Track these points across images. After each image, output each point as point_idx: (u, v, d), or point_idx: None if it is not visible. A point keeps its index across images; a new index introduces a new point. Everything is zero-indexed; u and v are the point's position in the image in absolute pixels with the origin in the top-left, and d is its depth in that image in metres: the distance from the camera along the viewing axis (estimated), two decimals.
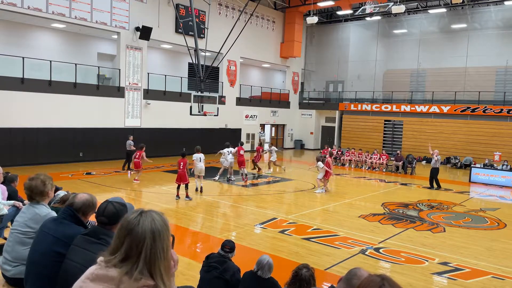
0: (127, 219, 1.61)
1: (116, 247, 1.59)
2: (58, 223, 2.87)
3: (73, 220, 2.86)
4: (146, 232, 1.56)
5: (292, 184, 15.75)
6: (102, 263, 1.61)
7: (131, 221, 1.59)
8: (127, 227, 1.58)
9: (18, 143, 16.37)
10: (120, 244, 1.57)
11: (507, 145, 22.35)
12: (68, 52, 19.58)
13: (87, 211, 2.93)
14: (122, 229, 1.60)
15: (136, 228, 1.57)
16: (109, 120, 19.38)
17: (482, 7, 25.32)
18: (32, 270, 2.85)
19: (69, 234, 2.70)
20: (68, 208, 2.91)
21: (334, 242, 8.39)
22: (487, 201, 14.28)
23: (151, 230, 1.57)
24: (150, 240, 1.56)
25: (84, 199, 2.93)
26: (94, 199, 2.98)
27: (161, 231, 1.60)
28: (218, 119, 23.03)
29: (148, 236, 1.56)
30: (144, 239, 1.55)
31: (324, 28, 31.71)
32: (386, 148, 26.19)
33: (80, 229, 2.78)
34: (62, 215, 2.90)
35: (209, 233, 8.79)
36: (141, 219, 1.60)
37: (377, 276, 1.68)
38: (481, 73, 25.10)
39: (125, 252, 1.55)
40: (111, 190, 12.82)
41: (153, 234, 1.57)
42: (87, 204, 2.92)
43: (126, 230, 1.58)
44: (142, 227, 1.57)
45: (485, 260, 7.73)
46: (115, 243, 1.60)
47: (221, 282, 4.37)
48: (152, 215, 1.63)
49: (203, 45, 18.27)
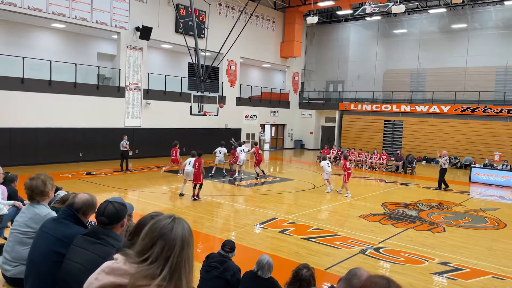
0: (161, 223, 1.60)
1: (145, 248, 1.57)
2: (58, 223, 2.87)
3: (73, 220, 2.85)
4: (177, 239, 1.56)
5: (292, 184, 15.75)
6: (122, 259, 1.61)
7: (165, 226, 1.58)
8: (161, 231, 1.57)
9: (18, 143, 16.36)
10: (150, 246, 1.56)
11: (507, 145, 22.35)
12: (68, 52, 19.58)
13: (87, 211, 2.92)
14: (154, 231, 1.59)
15: (169, 234, 1.56)
16: (109, 120, 19.38)
17: (482, 7, 25.32)
18: (31, 270, 2.85)
19: (69, 234, 2.70)
20: (68, 208, 2.90)
21: (334, 242, 8.39)
22: (487, 201, 14.28)
23: (181, 238, 1.57)
24: (179, 248, 1.55)
25: (84, 199, 2.93)
26: (94, 199, 2.97)
27: (190, 240, 1.61)
28: (218, 119, 23.03)
29: (178, 244, 1.56)
30: (175, 246, 1.55)
31: (324, 28, 31.71)
32: (386, 148, 26.19)
33: (80, 229, 2.78)
34: (62, 215, 2.89)
35: (209, 233, 8.79)
36: (174, 225, 1.60)
37: (383, 278, 1.67)
38: (481, 73, 25.10)
39: (154, 255, 1.54)
40: (111, 190, 12.82)
41: (183, 243, 1.57)
42: (87, 204, 2.91)
43: (159, 234, 1.57)
44: (174, 233, 1.57)
45: (485, 260, 7.73)
46: (144, 244, 1.58)
47: (222, 282, 4.37)
48: (183, 223, 1.63)
49: (203, 45, 18.28)
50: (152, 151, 21.16)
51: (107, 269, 1.62)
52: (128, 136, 16.58)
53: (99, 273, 1.63)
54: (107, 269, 1.62)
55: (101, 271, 1.63)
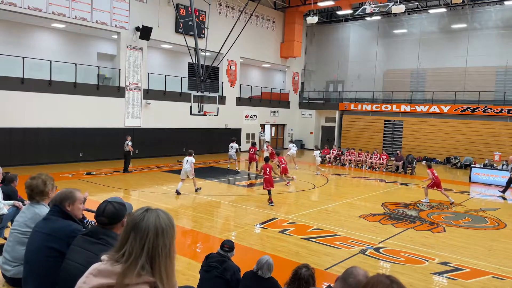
0: (133, 215, 1.64)
1: (121, 243, 1.61)
2: (46, 221, 2.97)
3: (60, 215, 2.95)
4: (150, 228, 1.58)
5: (292, 184, 15.74)
6: (107, 259, 1.63)
7: (136, 217, 1.61)
8: (132, 222, 1.61)
9: (18, 143, 16.36)
10: (125, 240, 1.60)
11: (507, 145, 22.34)
12: (68, 52, 19.57)
13: (64, 202, 3.01)
14: (127, 225, 1.63)
15: (140, 223, 1.59)
16: (109, 120, 19.38)
17: (482, 7, 25.32)
18: (27, 269, 2.91)
19: (57, 228, 2.82)
20: (53, 205, 3.04)
21: (334, 242, 8.39)
22: (487, 201, 14.27)
23: (154, 226, 1.59)
24: (153, 236, 1.57)
25: (59, 192, 3.08)
26: (69, 189, 3.09)
27: (165, 228, 1.62)
28: (218, 119, 23.04)
29: (152, 232, 1.57)
30: (147, 234, 1.57)
31: (324, 28, 31.70)
32: (386, 148, 26.19)
33: (69, 223, 2.90)
34: (50, 212, 3.03)
35: (209, 233, 8.79)
36: (146, 215, 1.62)
37: (386, 278, 1.68)
38: (481, 73, 25.10)
39: (129, 247, 1.57)
40: (111, 190, 12.82)
41: (156, 230, 1.58)
42: (60, 195, 3.03)
43: (131, 225, 1.60)
44: (146, 222, 1.59)
45: (485, 260, 7.73)
46: (121, 239, 1.62)
47: (221, 282, 4.37)
48: (157, 212, 1.65)
49: (203, 45, 18.28)
50: (152, 151, 21.16)
51: (94, 271, 1.63)
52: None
53: (87, 276, 1.64)
54: (94, 271, 1.63)
55: (89, 274, 1.64)
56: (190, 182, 13.00)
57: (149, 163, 19.10)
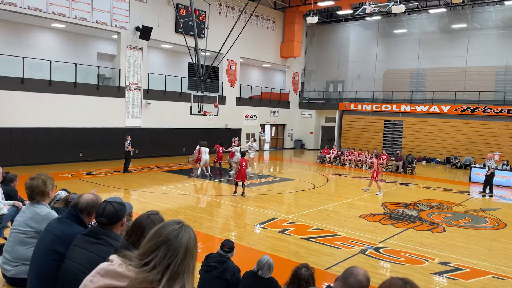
0: (168, 228, 1.58)
1: (149, 251, 1.55)
2: (60, 222, 2.88)
3: (76, 220, 2.85)
4: (182, 247, 1.54)
5: (292, 184, 15.74)
6: (117, 261, 1.60)
7: (170, 232, 1.56)
8: (166, 236, 1.55)
9: (18, 143, 16.36)
10: (152, 250, 1.54)
11: (507, 145, 22.36)
12: (68, 52, 19.57)
13: (92, 212, 2.91)
14: (160, 236, 1.56)
15: (173, 242, 1.54)
16: (109, 120, 19.38)
17: (482, 7, 25.31)
18: (32, 268, 2.87)
19: (69, 233, 2.69)
20: (73, 208, 2.90)
21: (334, 242, 8.39)
22: (487, 201, 14.28)
23: (186, 247, 1.55)
24: (181, 257, 1.53)
25: (89, 199, 2.93)
26: (98, 200, 2.97)
27: (194, 251, 1.59)
28: (218, 119, 23.04)
29: (182, 253, 1.53)
30: (178, 254, 1.53)
31: (324, 28, 31.70)
32: (386, 148, 26.19)
33: (82, 230, 2.76)
34: (66, 214, 2.90)
35: (209, 233, 8.79)
36: (181, 233, 1.57)
37: (400, 280, 1.70)
38: (481, 73, 25.09)
39: (156, 260, 1.52)
40: (111, 190, 12.81)
41: (186, 252, 1.55)
42: (91, 204, 2.90)
43: (164, 239, 1.54)
44: (179, 242, 1.55)
45: (485, 260, 7.73)
46: (148, 247, 1.56)
47: (221, 282, 4.37)
48: (189, 231, 1.60)
49: (203, 45, 18.27)
50: (152, 151, 21.16)
51: (102, 271, 1.61)
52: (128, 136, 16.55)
53: (94, 275, 1.62)
54: (102, 271, 1.61)
55: (96, 273, 1.62)
56: (190, 182, 12.99)
57: (149, 163, 19.10)
